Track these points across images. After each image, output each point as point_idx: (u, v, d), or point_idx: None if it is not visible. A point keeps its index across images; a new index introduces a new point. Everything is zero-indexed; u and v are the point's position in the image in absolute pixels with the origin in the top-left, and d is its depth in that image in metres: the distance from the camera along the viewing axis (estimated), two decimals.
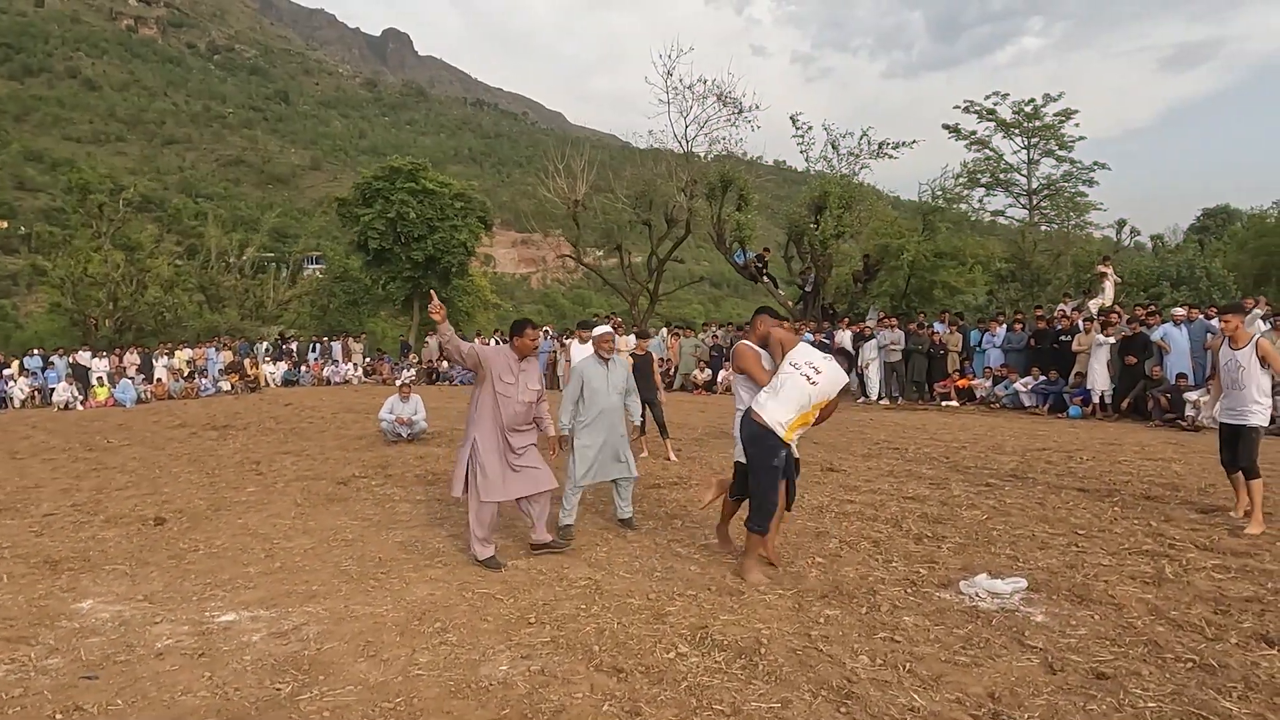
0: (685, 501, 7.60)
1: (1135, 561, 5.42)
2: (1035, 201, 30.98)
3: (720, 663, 3.96)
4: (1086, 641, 4.12)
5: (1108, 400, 13.29)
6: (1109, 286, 16.83)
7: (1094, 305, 16.14)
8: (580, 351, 10.35)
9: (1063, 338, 14.50)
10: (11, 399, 21.59)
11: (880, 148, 21.92)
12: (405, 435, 12.04)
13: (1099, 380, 13.31)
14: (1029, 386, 14.46)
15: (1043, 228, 29.77)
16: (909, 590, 4.98)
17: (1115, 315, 13.99)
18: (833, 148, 22.48)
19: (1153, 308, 14.30)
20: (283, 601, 5.01)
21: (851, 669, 3.86)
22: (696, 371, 19.84)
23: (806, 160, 22.90)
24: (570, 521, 6.39)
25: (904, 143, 21.98)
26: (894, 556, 5.70)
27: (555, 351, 19.79)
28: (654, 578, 5.35)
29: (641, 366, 10.11)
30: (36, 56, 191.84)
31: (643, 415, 9.60)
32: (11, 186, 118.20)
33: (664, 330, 21.54)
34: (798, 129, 22.78)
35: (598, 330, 6.82)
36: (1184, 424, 11.65)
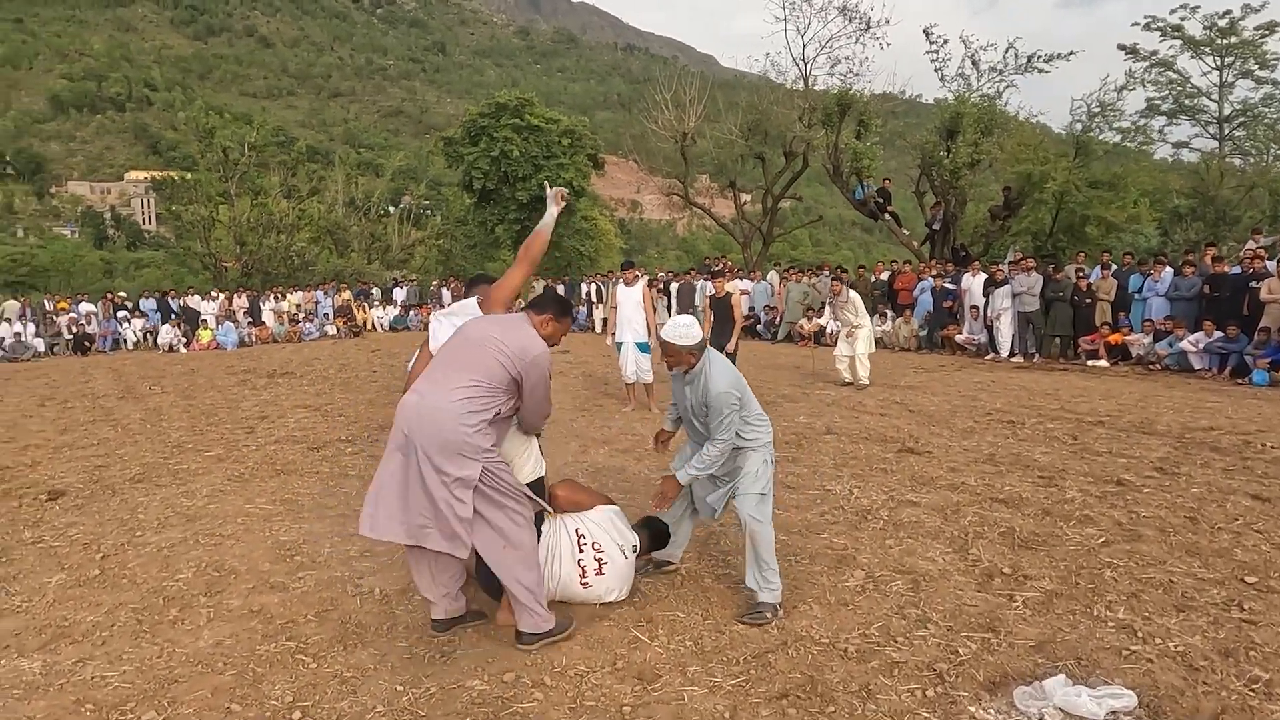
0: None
1: None
2: (1227, 130, 26.79)
3: None
4: None
5: None
6: None
7: None
8: (624, 294, 9.30)
9: (1251, 284, 11.52)
10: (126, 340, 22.01)
11: (1029, 61, 18.65)
12: None
13: None
14: (1200, 344, 11.54)
15: (1235, 160, 25.56)
16: (928, 693, 3.04)
17: None
18: (972, 63, 19.41)
19: None
20: (20, 644, 3.64)
21: None
22: (804, 320, 17.47)
23: (941, 79, 19.91)
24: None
25: (1059, 54, 18.64)
26: (932, 612, 3.74)
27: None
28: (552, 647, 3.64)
29: (718, 309, 9.44)
30: (218, 17, 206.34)
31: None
32: (196, 140, 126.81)
33: (772, 273, 19.36)
34: (931, 43, 19.82)
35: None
36: None
